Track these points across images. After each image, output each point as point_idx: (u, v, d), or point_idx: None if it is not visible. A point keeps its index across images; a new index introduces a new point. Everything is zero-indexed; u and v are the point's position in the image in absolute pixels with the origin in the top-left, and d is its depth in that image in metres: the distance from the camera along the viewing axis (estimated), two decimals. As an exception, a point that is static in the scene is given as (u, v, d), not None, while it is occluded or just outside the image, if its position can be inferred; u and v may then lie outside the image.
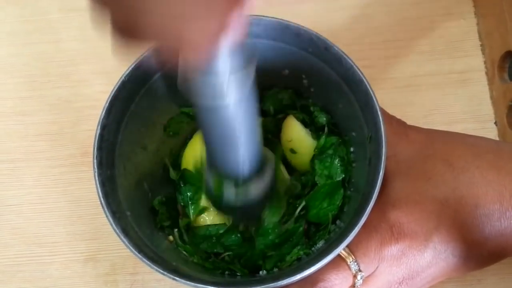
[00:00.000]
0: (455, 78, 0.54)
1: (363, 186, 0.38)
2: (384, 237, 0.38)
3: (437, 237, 0.38)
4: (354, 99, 0.40)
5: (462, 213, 0.38)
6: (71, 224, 0.51)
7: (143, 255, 0.36)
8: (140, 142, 0.42)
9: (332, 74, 0.40)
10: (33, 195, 0.52)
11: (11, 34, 0.58)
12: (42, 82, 0.56)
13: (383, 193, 0.39)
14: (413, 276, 0.38)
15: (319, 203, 0.41)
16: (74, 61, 0.56)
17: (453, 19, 0.56)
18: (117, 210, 0.38)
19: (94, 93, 0.54)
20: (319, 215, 0.41)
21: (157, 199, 0.43)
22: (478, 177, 0.39)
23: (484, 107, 0.52)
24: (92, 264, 0.49)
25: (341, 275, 0.37)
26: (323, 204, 0.41)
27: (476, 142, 0.41)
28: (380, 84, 0.53)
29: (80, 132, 0.53)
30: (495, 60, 0.52)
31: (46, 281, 0.49)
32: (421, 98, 0.53)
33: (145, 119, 0.42)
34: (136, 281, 0.49)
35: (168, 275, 0.35)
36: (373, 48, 0.55)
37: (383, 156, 0.36)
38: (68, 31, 0.57)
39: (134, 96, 0.40)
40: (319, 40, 0.39)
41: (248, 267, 0.41)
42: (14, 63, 0.57)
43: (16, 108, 0.55)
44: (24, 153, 0.53)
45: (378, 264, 0.38)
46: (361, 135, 0.40)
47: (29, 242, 0.50)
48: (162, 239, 0.42)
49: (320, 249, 0.39)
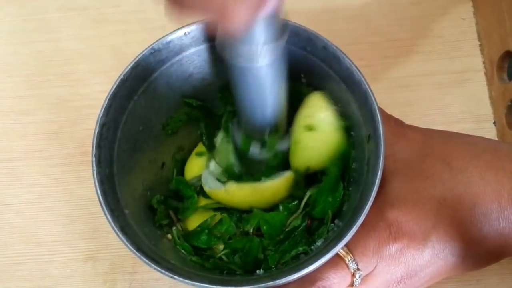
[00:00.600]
0: (454, 78, 0.54)
1: (361, 185, 0.38)
2: (382, 236, 0.38)
3: (435, 236, 0.38)
4: (353, 99, 0.40)
5: (460, 213, 0.38)
6: (70, 223, 0.51)
7: (142, 254, 0.36)
8: (139, 140, 0.42)
9: (331, 73, 0.40)
10: (32, 194, 0.52)
11: (10, 33, 0.58)
12: (41, 81, 0.56)
13: (381, 193, 0.39)
14: (412, 275, 0.38)
15: (325, 198, 0.41)
16: (73, 60, 0.56)
17: (452, 19, 0.56)
18: (116, 209, 0.38)
19: (93, 92, 0.55)
20: (324, 209, 0.41)
21: (155, 197, 0.43)
22: (476, 177, 0.39)
23: (483, 107, 0.52)
24: (91, 263, 0.49)
25: (340, 274, 0.37)
26: (328, 199, 0.41)
27: (474, 142, 0.41)
28: (379, 84, 0.53)
29: (79, 131, 0.53)
30: (494, 60, 0.52)
31: (45, 280, 0.49)
32: (420, 98, 0.53)
33: (144, 117, 0.42)
34: (135, 280, 0.49)
35: (167, 274, 0.35)
36: (372, 48, 0.55)
37: (382, 155, 0.36)
38: (67, 30, 0.57)
39: (133, 94, 0.40)
40: (318, 40, 0.39)
41: (248, 264, 0.41)
42: (13, 62, 0.57)
43: (15, 107, 0.55)
44: (23, 152, 0.53)
45: (376, 263, 0.38)
46: (360, 134, 0.40)
47: (28, 241, 0.50)
48: (160, 237, 0.42)
49: (319, 248, 0.39)
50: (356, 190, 0.39)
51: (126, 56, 0.39)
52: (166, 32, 0.40)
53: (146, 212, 0.42)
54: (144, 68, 0.40)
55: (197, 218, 0.44)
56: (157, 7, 0.57)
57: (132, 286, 0.49)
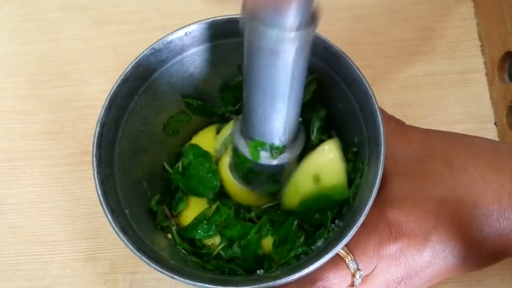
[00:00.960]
0: (455, 78, 0.54)
1: (361, 185, 0.38)
2: (382, 236, 0.38)
3: (436, 236, 0.38)
4: (354, 99, 0.40)
5: (460, 213, 0.38)
6: (70, 223, 0.51)
7: (142, 254, 0.36)
8: (140, 140, 0.42)
9: (332, 73, 0.40)
10: (33, 194, 0.52)
11: (11, 32, 0.58)
12: (42, 81, 0.56)
13: (381, 193, 0.39)
14: (412, 275, 0.38)
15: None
16: (74, 60, 0.56)
17: (453, 19, 0.56)
18: (116, 209, 0.38)
19: (93, 92, 0.55)
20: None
21: (154, 199, 0.43)
22: (477, 177, 0.39)
23: (484, 108, 0.52)
24: (91, 263, 0.49)
25: (340, 274, 0.37)
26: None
27: (475, 142, 0.41)
28: (380, 84, 0.53)
29: (79, 131, 0.54)
30: (495, 61, 0.52)
31: (46, 280, 0.49)
32: (421, 98, 0.53)
33: (145, 117, 0.42)
34: (135, 280, 0.49)
35: (167, 274, 0.35)
36: (373, 48, 0.55)
37: (382, 155, 0.36)
38: (68, 30, 0.57)
39: (134, 94, 0.40)
40: (319, 40, 0.39)
41: (248, 260, 0.41)
42: (14, 62, 0.57)
43: (16, 107, 0.55)
44: (24, 152, 0.53)
45: (376, 264, 0.38)
46: (360, 134, 0.40)
47: (28, 241, 0.51)
48: (161, 237, 0.42)
49: (319, 248, 0.39)
50: (356, 190, 0.39)
51: (127, 56, 0.39)
52: (166, 32, 0.40)
53: (147, 212, 0.42)
54: (145, 68, 0.40)
55: (191, 212, 0.44)
56: (158, 7, 0.58)
57: (133, 286, 0.49)
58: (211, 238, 0.43)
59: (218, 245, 0.42)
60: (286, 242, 0.41)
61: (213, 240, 0.43)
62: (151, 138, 0.43)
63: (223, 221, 0.42)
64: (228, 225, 0.42)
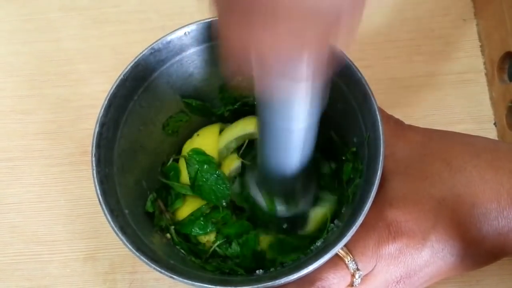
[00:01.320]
0: (455, 78, 0.54)
1: (361, 185, 0.38)
2: (381, 236, 0.38)
3: (435, 236, 0.38)
4: (353, 99, 0.40)
5: (459, 212, 0.38)
6: (70, 222, 0.51)
7: (141, 254, 0.36)
8: (139, 140, 0.42)
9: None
10: (32, 194, 0.52)
11: (11, 32, 0.58)
12: (42, 81, 0.56)
13: (380, 192, 0.39)
14: (411, 275, 0.38)
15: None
16: (74, 60, 0.56)
17: (453, 20, 0.56)
18: (115, 208, 0.38)
19: (93, 92, 0.55)
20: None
21: (149, 199, 0.43)
22: (476, 176, 0.39)
23: (483, 108, 0.52)
24: (91, 263, 0.49)
25: (339, 274, 0.37)
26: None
27: (474, 142, 0.41)
28: (379, 84, 0.53)
29: (79, 131, 0.54)
30: (494, 61, 0.52)
31: (45, 280, 0.49)
32: (421, 98, 0.53)
33: (144, 117, 0.42)
34: (135, 280, 0.49)
35: (166, 274, 0.35)
36: (373, 48, 0.55)
37: (381, 155, 0.36)
38: (68, 30, 0.57)
39: (133, 94, 0.40)
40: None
41: (247, 258, 0.41)
42: (14, 61, 0.57)
43: (15, 106, 0.55)
44: (23, 151, 0.53)
45: (375, 263, 0.38)
46: (360, 135, 0.40)
47: (28, 240, 0.51)
48: (160, 237, 0.42)
49: (318, 248, 0.39)
50: (355, 190, 0.39)
51: (127, 56, 0.39)
52: (166, 32, 0.40)
53: (146, 212, 0.42)
54: (144, 68, 0.40)
55: (187, 207, 0.44)
56: (157, 7, 0.58)
57: (132, 285, 0.49)
58: (207, 235, 0.43)
59: (213, 242, 0.42)
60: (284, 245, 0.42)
61: (208, 237, 0.43)
62: (151, 138, 0.43)
63: (221, 219, 0.42)
64: (226, 223, 0.42)
